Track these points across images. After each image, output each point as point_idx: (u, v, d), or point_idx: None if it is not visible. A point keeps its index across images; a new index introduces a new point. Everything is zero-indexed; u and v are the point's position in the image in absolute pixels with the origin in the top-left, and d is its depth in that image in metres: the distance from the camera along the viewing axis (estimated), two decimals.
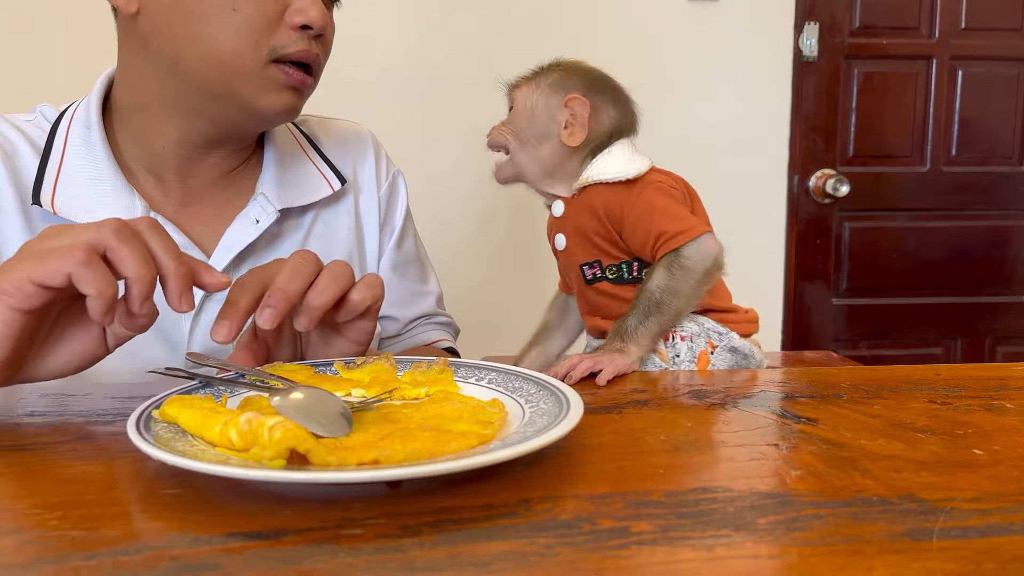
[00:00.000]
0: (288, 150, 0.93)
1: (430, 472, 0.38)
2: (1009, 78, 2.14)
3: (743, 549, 0.35)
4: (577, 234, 0.77)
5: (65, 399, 0.62)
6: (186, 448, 0.43)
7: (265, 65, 0.76)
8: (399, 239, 1.01)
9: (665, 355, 0.76)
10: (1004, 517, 0.38)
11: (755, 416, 0.56)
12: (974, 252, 2.20)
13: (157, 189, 0.85)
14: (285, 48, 0.75)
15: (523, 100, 0.81)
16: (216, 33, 0.74)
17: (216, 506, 0.40)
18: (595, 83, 0.80)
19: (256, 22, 0.74)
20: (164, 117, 0.81)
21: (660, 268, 0.72)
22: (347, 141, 1.00)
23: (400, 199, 1.03)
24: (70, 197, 0.79)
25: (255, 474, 0.38)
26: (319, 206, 0.92)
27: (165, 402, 0.48)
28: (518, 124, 0.80)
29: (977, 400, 0.59)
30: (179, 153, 0.84)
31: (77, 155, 0.82)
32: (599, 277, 0.76)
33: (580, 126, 0.77)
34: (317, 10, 0.75)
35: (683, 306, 0.73)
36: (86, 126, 0.83)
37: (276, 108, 0.78)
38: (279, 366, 0.62)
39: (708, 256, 0.73)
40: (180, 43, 0.76)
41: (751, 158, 2.07)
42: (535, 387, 0.54)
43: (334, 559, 0.34)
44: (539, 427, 0.45)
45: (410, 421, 0.49)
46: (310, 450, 0.41)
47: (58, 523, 0.39)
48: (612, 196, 0.75)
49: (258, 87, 0.76)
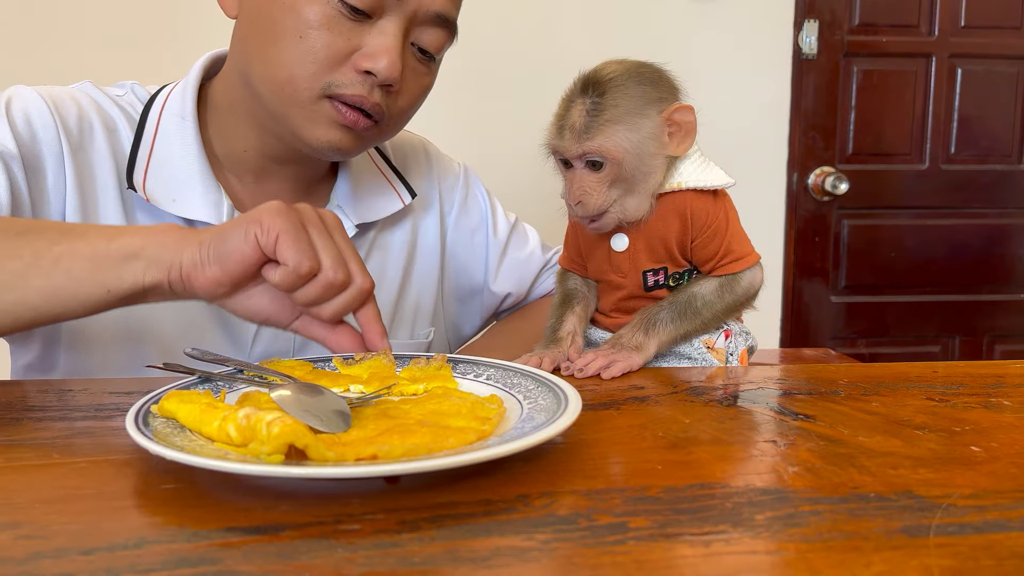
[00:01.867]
0: (362, 167, 0.93)
1: (428, 468, 0.38)
2: (1008, 76, 2.14)
3: (741, 545, 0.35)
4: (647, 239, 0.72)
5: (64, 394, 0.62)
6: (184, 443, 0.43)
7: (318, 98, 0.74)
8: (493, 228, 1.04)
9: (723, 353, 0.75)
10: (1002, 514, 0.38)
11: (753, 413, 0.56)
12: (973, 250, 2.20)
13: (238, 187, 0.86)
14: (340, 87, 0.74)
15: (618, 147, 0.67)
16: (279, 56, 0.74)
17: (214, 501, 0.40)
18: (664, 82, 0.71)
19: (319, 54, 0.73)
20: (246, 123, 0.82)
21: (713, 281, 0.72)
22: (408, 156, 1.01)
23: (476, 194, 1.05)
24: (159, 183, 0.80)
25: (253, 469, 0.38)
26: (383, 219, 0.93)
27: (164, 397, 0.48)
28: (624, 174, 0.68)
29: (975, 397, 0.60)
30: (258, 160, 0.84)
31: (169, 143, 0.82)
32: (660, 284, 0.74)
33: (688, 133, 0.70)
34: (388, 61, 0.73)
35: (711, 323, 0.73)
36: (180, 116, 0.83)
37: (323, 142, 0.77)
38: (278, 361, 0.62)
39: (753, 286, 0.74)
40: (252, 57, 0.77)
41: (750, 155, 2.07)
42: (533, 383, 0.54)
43: (332, 554, 0.34)
44: (537, 423, 0.46)
45: (408, 417, 0.49)
46: (308, 445, 0.41)
47: (56, 517, 0.39)
48: (701, 204, 0.71)
49: (308, 118, 0.76)
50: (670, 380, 0.66)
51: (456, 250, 1.02)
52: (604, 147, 0.67)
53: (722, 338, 0.75)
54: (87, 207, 0.79)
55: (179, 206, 0.80)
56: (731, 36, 2.02)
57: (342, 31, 0.73)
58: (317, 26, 0.72)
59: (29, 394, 0.62)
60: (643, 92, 0.69)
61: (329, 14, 0.72)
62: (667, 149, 0.70)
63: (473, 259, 1.04)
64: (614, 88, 0.68)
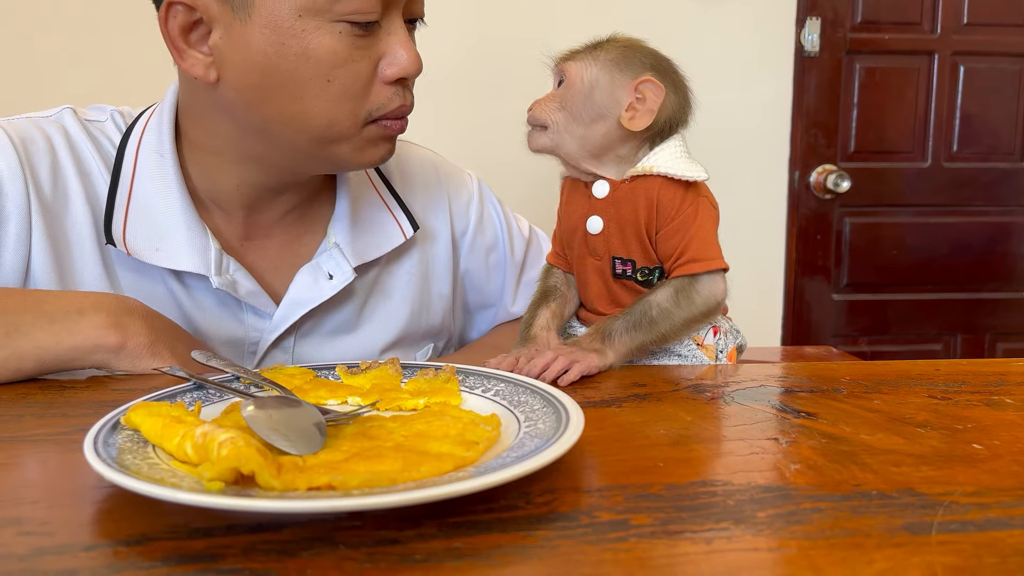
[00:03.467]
0: (362, 189, 0.89)
1: (373, 505, 0.35)
2: (1011, 74, 2.13)
3: (743, 542, 0.35)
4: (619, 222, 0.73)
5: (66, 391, 0.62)
6: (139, 462, 0.41)
7: (363, 127, 0.72)
8: (510, 246, 1.00)
9: (713, 350, 0.75)
10: (1004, 511, 0.38)
11: (755, 410, 0.56)
12: (974, 248, 2.19)
13: (223, 221, 0.82)
14: (382, 109, 0.72)
15: (579, 74, 0.73)
16: (311, 108, 0.70)
17: None
18: (662, 65, 0.74)
19: (352, 90, 0.70)
20: (241, 163, 0.78)
21: (669, 288, 0.71)
22: (416, 180, 0.95)
23: (491, 211, 1.00)
24: (140, 231, 0.76)
25: (183, 497, 0.36)
26: (388, 255, 0.89)
27: (131, 408, 0.47)
28: (570, 99, 0.73)
29: (977, 395, 0.59)
30: (249, 193, 0.80)
31: (149, 184, 0.78)
32: (628, 275, 0.74)
33: (647, 111, 0.71)
34: (410, 57, 0.71)
35: (670, 334, 0.71)
36: (159, 153, 0.78)
37: (374, 161, 0.76)
38: (280, 368, 0.61)
39: (713, 297, 0.71)
40: (272, 118, 0.72)
41: (752, 153, 2.07)
42: (540, 402, 0.51)
43: (334, 551, 0.34)
44: (520, 454, 0.42)
45: (388, 439, 0.46)
46: (255, 472, 0.39)
47: (58, 514, 0.39)
48: (669, 192, 0.71)
49: (357, 148, 0.74)
50: (671, 378, 0.66)
51: (471, 269, 0.99)
52: (568, 65, 0.74)
53: (711, 334, 0.75)
54: (63, 267, 0.76)
55: (163, 256, 0.76)
56: (733, 34, 2.02)
57: (362, 54, 0.70)
58: (340, 63, 0.69)
59: (31, 391, 0.62)
60: (634, 55, 0.73)
61: (344, 44, 0.68)
62: (620, 111, 0.72)
63: (489, 279, 1.00)
64: (619, 42, 0.74)
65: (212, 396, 0.55)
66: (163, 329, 0.69)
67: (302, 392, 0.56)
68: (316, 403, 0.52)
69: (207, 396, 0.55)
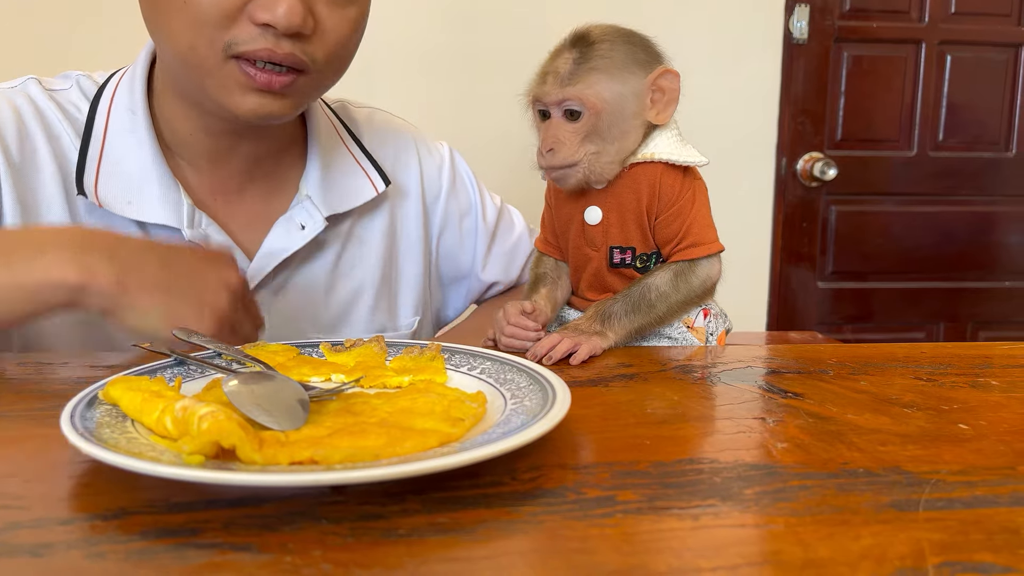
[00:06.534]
0: (331, 145, 0.89)
1: (356, 479, 0.35)
2: (998, 63, 2.14)
3: (729, 518, 0.35)
4: (620, 211, 0.71)
5: (43, 367, 0.61)
6: (117, 435, 0.40)
7: (224, 61, 0.69)
8: (482, 213, 1.01)
9: (703, 333, 0.74)
10: (991, 489, 0.38)
11: (741, 390, 0.56)
12: (959, 237, 2.20)
13: (192, 175, 0.81)
14: (242, 45, 0.68)
15: (601, 96, 0.67)
16: (173, 26, 0.69)
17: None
18: (655, 49, 0.71)
19: (208, 15, 0.67)
20: (184, 103, 0.78)
21: (668, 271, 0.71)
22: (388, 140, 0.96)
23: (463, 177, 1.01)
24: (113, 186, 0.76)
25: (163, 471, 0.35)
26: (358, 208, 0.89)
27: (109, 383, 0.46)
28: (600, 126, 0.68)
29: (962, 377, 0.60)
30: (205, 141, 0.80)
31: (121, 140, 0.78)
32: (627, 264, 0.73)
33: (670, 101, 0.69)
34: (285, 7, 0.66)
35: (666, 316, 0.71)
36: (131, 110, 0.79)
37: (245, 110, 0.71)
38: (261, 345, 0.60)
39: (710, 279, 0.72)
40: (155, 34, 0.73)
41: (739, 140, 2.07)
42: (527, 380, 0.51)
43: (316, 526, 0.34)
44: (506, 430, 0.42)
45: (372, 415, 0.46)
46: (236, 446, 0.38)
47: (34, 488, 0.38)
48: (670, 178, 0.70)
49: (221, 84, 0.70)
50: (659, 358, 0.66)
51: (444, 235, 1.00)
52: (585, 94, 0.67)
53: (701, 317, 0.75)
54: (29, 222, 0.76)
55: (135, 209, 0.76)
56: (721, 20, 2.01)
57: None
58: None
59: (8, 367, 0.61)
60: (632, 51, 0.69)
61: None
62: (647, 113, 0.70)
63: (462, 245, 1.01)
64: (604, 42, 0.68)
65: (193, 372, 0.54)
66: (128, 258, 0.63)
67: (285, 369, 0.55)
68: (299, 380, 0.51)
69: (188, 372, 0.54)
